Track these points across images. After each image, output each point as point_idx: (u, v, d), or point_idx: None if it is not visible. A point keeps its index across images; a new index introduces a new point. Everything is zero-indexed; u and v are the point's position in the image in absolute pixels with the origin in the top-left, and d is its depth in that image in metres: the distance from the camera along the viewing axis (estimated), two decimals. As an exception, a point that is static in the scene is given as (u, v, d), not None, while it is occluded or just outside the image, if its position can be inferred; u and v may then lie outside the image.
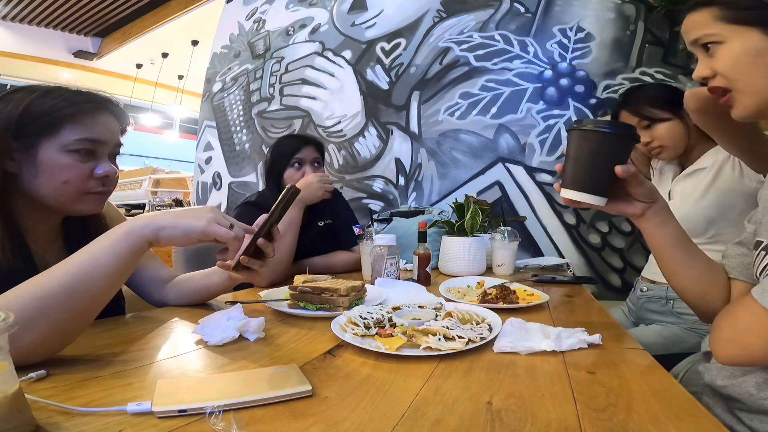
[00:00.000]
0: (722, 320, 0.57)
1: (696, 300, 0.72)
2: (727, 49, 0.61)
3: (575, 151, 0.64)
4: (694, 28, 0.64)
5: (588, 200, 0.64)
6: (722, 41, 0.61)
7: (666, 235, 0.68)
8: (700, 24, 0.63)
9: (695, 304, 0.73)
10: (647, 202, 0.66)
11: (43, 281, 0.50)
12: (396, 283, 1.04)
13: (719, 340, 0.56)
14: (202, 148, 2.95)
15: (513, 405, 0.43)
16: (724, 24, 0.61)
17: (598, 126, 0.62)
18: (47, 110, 0.65)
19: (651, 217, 0.67)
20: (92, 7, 5.51)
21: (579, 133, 0.64)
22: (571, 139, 0.65)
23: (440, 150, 2.09)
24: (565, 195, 0.66)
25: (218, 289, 0.85)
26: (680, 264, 0.69)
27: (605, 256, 1.88)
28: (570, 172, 0.65)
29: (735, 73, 0.61)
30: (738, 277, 0.68)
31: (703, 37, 0.63)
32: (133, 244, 0.57)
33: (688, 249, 0.69)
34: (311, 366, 0.54)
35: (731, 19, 0.60)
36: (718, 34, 0.61)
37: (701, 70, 0.65)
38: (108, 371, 0.50)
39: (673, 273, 0.71)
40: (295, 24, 2.58)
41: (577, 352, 0.59)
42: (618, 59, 1.91)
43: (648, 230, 0.69)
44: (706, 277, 0.69)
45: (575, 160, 0.65)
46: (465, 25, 2.09)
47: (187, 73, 7.26)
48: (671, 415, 0.41)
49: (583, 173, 0.64)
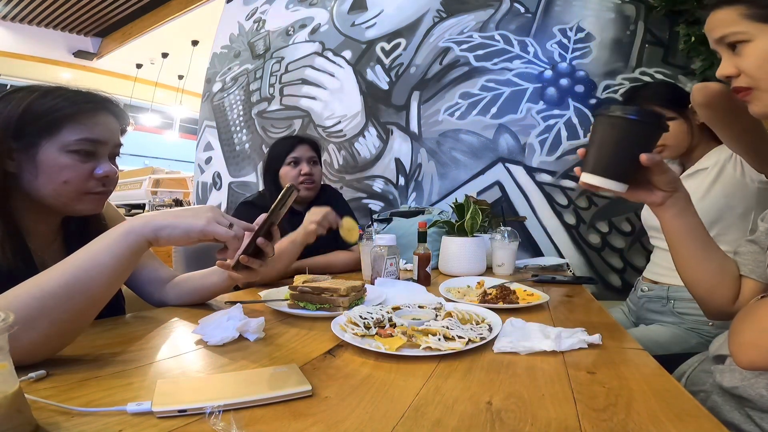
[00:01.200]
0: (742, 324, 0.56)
1: (705, 295, 0.71)
2: (754, 48, 0.60)
3: (600, 136, 0.63)
4: (719, 26, 0.63)
5: (609, 186, 0.63)
6: (749, 39, 0.60)
7: (684, 225, 0.67)
8: (725, 21, 0.62)
9: (703, 299, 0.72)
10: (668, 191, 0.65)
11: (42, 281, 0.50)
12: (396, 283, 1.04)
13: (741, 344, 0.54)
14: (202, 148, 2.95)
15: (513, 405, 0.43)
16: (751, 22, 0.60)
17: (626, 113, 0.61)
18: (47, 110, 0.65)
19: (671, 206, 0.66)
20: (92, 7, 5.51)
21: (606, 119, 0.62)
22: (597, 124, 0.64)
23: (440, 150, 2.09)
24: (586, 179, 0.64)
25: (218, 288, 0.85)
26: (695, 256, 0.69)
27: (605, 256, 1.88)
28: (593, 156, 0.64)
29: (761, 72, 0.60)
30: (749, 275, 0.68)
31: (729, 35, 0.62)
32: (133, 243, 0.57)
33: (704, 241, 0.68)
34: (311, 366, 0.54)
35: (759, 18, 0.59)
36: (745, 32, 0.60)
37: (726, 68, 0.64)
38: (108, 371, 0.50)
39: (687, 265, 0.70)
40: (295, 24, 2.58)
41: (577, 352, 0.59)
42: (618, 59, 1.91)
43: (666, 219, 0.68)
44: (719, 272, 0.69)
45: (600, 145, 0.63)
46: (465, 25, 2.09)
47: (187, 73, 7.26)
48: (671, 415, 0.41)
49: (607, 159, 0.63)
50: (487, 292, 0.91)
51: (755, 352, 0.53)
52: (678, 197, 0.66)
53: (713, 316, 0.74)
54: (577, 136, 1.91)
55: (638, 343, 0.63)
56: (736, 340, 0.55)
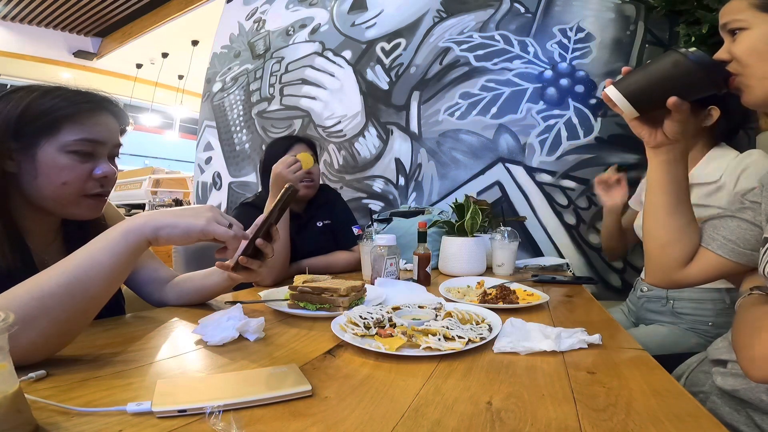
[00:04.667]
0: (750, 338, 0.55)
1: (657, 250, 0.71)
2: (747, 35, 0.61)
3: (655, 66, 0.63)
4: (727, 13, 0.64)
5: (624, 106, 0.64)
6: (747, 27, 0.61)
7: (668, 174, 0.68)
8: (734, 9, 0.63)
9: (652, 256, 0.73)
10: (671, 140, 0.66)
11: (41, 281, 0.50)
12: (396, 283, 1.04)
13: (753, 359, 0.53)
14: (202, 148, 2.95)
15: (513, 405, 0.43)
16: (755, 11, 0.60)
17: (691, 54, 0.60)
18: (47, 110, 0.65)
19: (665, 152, 0.67)
20: (92, 7, 5.51)
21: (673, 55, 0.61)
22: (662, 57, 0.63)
23: (440, 150, 2.09)
24: (609, 92, 0.65)
25: (218, 289, 0.85)
26: (665, 207, 0.69)
27: (605, 256, 1.88)
28: (634, 78, 0.64)
29: (748, 58, 0.60)
30: (708, 246, 0.68)
31: (731, 21, 0.63)
32: (132, 243, 0.57)
33: (679, 196, 0.69)
34: (311, 366, 0.54)
35: (762, 7, 0.60)
36: (745, 20, 0.61)
37: (721, 52, 0.64)
38: (108, 371, 0.50)
39: (654, 214, 0.71)
40: (295, 24, 2.58)
41: (577, 352, 0.59)
42: (618, 59, 1.91)
43: (656, 164, 0.68)
44: (681, 230, 0.69)
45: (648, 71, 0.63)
46: (465, 25, 2.09)
47: (187, 73, 7.25)
48: (671, 415, 0.41)
49: (644, 85, 0.63)
50: (487, 292, 0.91)
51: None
52: (676, 147, 0.67)
53: (655, 277, 0.74)
54: (577, 136, 1.91)
55: (638, 343, 0.63)
56: (746, 354, 0.54)
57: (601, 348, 0.61)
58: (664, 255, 0.71)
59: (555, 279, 1.19)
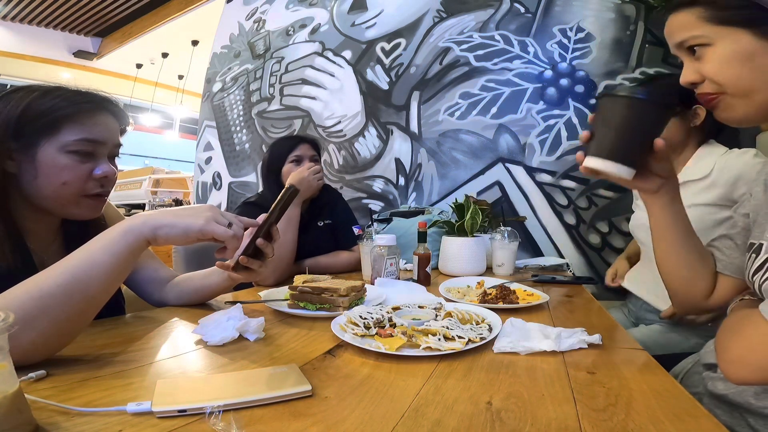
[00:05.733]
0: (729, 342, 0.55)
1: (681, 287, 0.70)
2: (714, 52, 0.58)
3: (609, 117, 0.60)
4: (678, 30, 0.61)
5: (615, 170, 0.60)
6: (709, 43, 0.58)
7: (672, 214, 0.66)
8: (684, 25, 0.60)
9: (678, 292, 0.71)
10: (664, 177, 0.64)
11: (41, 281, 0.50)
12: (396, 283, 1.04)
13: (730, 361, 0.54)
14: (202, 148, 2.95)
15: (513, 405, 0.43)
16: (710, 25, 0.58)
17: (638, 93, 0.58)
18: (47, 110, 0.65)
19: (664, 193, 0.65)
20: (92, 7, 5.51)
21: (616, 99, 0.60)
22: (606, 104, 0.61)
23: (440, 150, 2.09)
24: (589, 164, 0.61)
25: (218, 289, 0.85)
26: (677, 245, 0.68)
27: (605, 256, 1.88)
28: (599, 139, 0.61)
29: (725, 78, 0.58)
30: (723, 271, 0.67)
31: (689, 39, 0.60)
32: (132, 242, 0.57)
33: (687, 230, 0.68)
34: (311, 366, 0.54)
35: (718, 20, 0.57)
36: (704, 35, 0.58)
37: (689, 74, 0.61)
38: (108, 371, 0.50)
39: (667, 255, 0.69)
40: (295, 24, 2.57)
41: (577, 352, 0.59)
42: (618, 59, 1.91)
43: (658, 208, 0.67)
44: (698, 264, 0.68)
45: (607, 126, 0.60)
46: (465, 25, 2.09)
47: (187, 73, 7.25)
48: (671, 415, 0.41)
49: (615, 141, 0.60)
50: (487, 292, 0.91)
51: (745, 369, 0.53)
52: (672, 184, 0.66)
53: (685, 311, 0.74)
54: (577, 136, 1.90)
55: (638, 343, 0.63)
56: (725, 356, 0.55)
57: (601, 348, 0.61)
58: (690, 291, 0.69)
59: (555, 279, 1.20)
